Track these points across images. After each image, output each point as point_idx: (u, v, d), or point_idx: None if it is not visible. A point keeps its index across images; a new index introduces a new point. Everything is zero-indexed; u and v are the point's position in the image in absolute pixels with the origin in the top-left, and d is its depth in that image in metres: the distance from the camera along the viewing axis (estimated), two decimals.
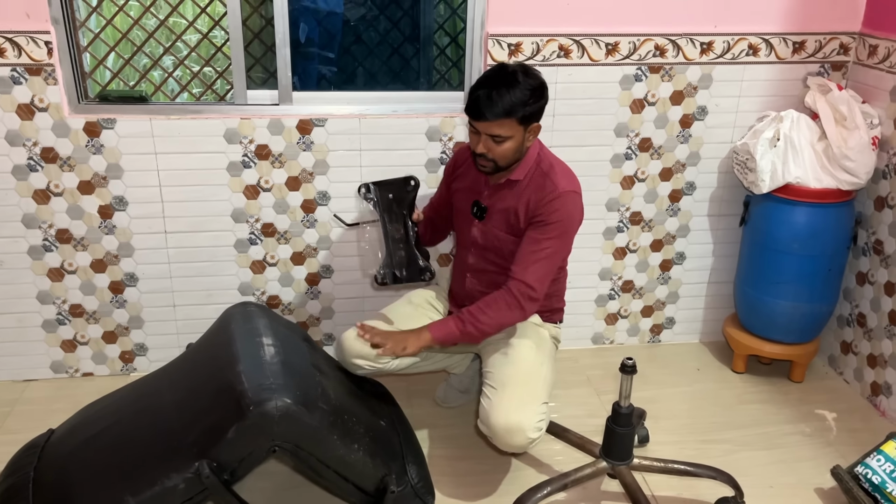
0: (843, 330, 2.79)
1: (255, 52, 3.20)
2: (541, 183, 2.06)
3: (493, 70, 2.00)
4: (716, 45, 2.59)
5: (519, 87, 1.94)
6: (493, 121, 1.94)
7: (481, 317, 2.03)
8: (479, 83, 1.98)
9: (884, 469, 2.05)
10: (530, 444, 2.02)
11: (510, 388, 2.05)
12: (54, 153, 2.40)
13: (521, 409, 2.00)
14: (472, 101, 1.95)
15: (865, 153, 2.43)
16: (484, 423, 2.05)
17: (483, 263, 2.22)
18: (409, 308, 2.32)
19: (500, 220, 2.14)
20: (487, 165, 2.04)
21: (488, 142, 1.98)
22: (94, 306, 2.62)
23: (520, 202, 2.08)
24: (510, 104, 1.93)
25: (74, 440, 2.03)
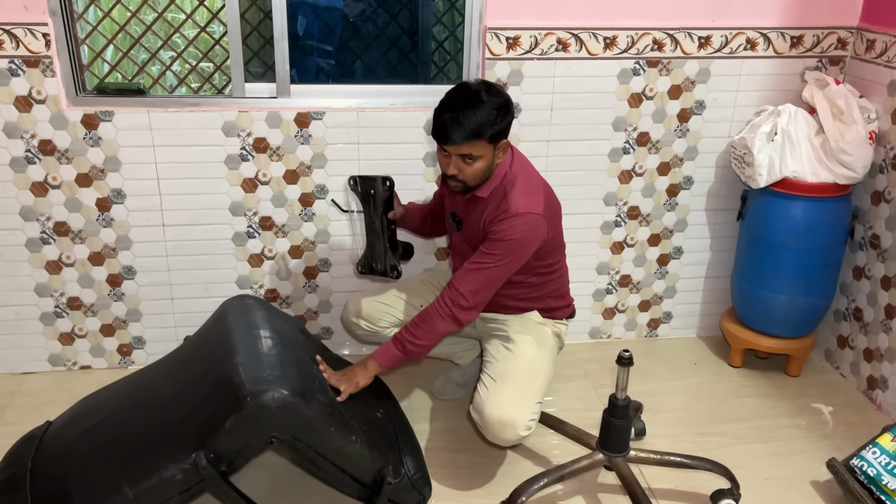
0: (839, 324, 2.79)
1: (253, 45, 3.20)
2: (498, 201, 2.04)
3: (456, 91, 1.97)
4: (714, 40, 2.59)
5: (484, 106, 1.90)
6: (461, 143, 1.92)
7: (417, 332, 2.06)
8: (444, 106, 1.93)
9: (879, 461, 2.06)
10: (518, 440, 2.05)
11: (508, 383, 2.06)
12: (52, 145, 2.41)
13: (516, 405, 2.01)
14: (439, 126, 1.92)
15: (862, 147, 2.43)
16: (477, 412, 2.06)
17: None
18: (419, 284, 2.42)
19: (469, 233, 2.17)
20: (458, 186, 2.03)
21: (459, 162, 1.97)
22: (92, 299, 2.63)
23: (481, 218, 2.08)
24: (477, 125, 1.90)
25: (72, 431, 2.03)
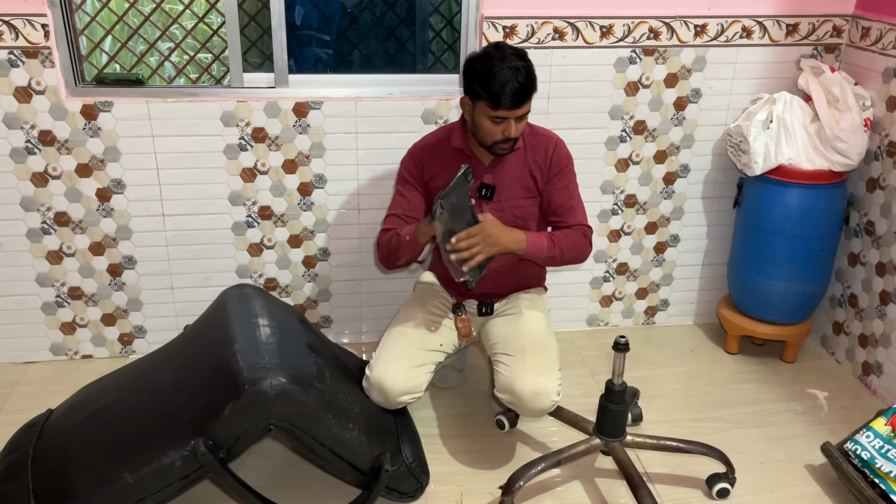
0: (835, 310, 2.81)
1: (251, 35, 3.20)
2: (534, 141, 2.17)
3: (491, 55, 1.99)
4: (709, 28, 2.60)
5: (525, 62, 2.00)
6: (526, 101, 2.00)
7: (565, 243, 2.12)
8: (495, 71, 1.95)
9: (873, 445, 2.08)
10: (553, 406, 2.07)
11: (531, 355, 2.09)
12: (52, 136, 2.42)
13: (544, 374, 2.06)
14: (511, 93, 1.95)
15: (857, 134, 2.44)
16: (507, 391, 2.07)
17: None
18: (421, 322, 2.25)
19: (516, 189, 2.19)
20: (509, 147, 2.09)
21: (517, 123, 2.03)
22: (93, 289, 2.65)
23: (528, 165, 2.17)
24: (534, 81, 2.00)
25: (73, 419, 2.06)
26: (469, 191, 1.98)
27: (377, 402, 2.14)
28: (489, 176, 2.18)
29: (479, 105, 2.01)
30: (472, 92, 2.02)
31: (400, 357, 2.14)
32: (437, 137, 2.24)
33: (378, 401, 2.14)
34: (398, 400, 2.12)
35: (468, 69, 2.03)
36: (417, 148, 2.24)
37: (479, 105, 2.02)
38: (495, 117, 2.00)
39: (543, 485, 2.16)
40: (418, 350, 2.17)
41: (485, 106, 1.99)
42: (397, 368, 2.11)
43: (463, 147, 2.16)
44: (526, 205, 2.22)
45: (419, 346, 2.18)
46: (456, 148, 2.17)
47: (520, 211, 2.21)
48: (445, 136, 2.21)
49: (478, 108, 2.02)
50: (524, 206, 2.21)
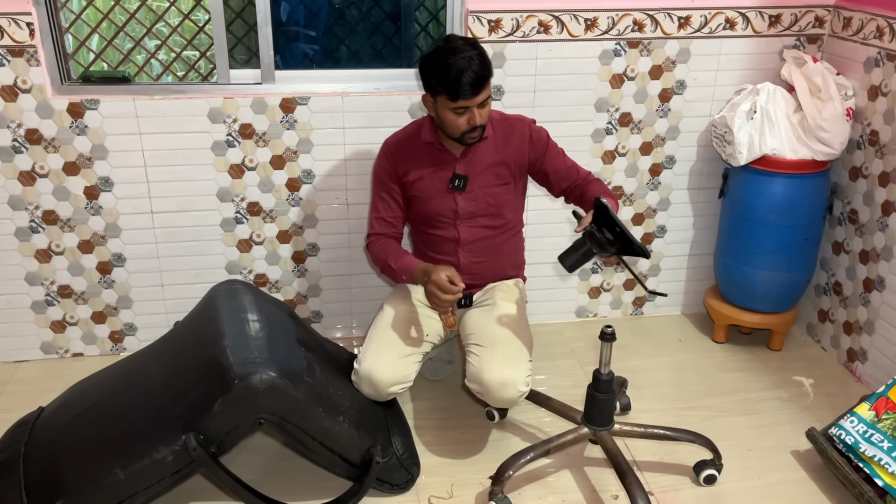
0: (820, 298, 2.84)
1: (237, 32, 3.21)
2: (506, 127, 2.22)
3: (447, 49, 2.01)
4: (693, 20, 2.62)
5: (477, 49, 2.02)
6: (483, 87, 2.02)
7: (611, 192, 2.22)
8: (448, 64, 1.98)
9: (857, 430, 2.11)
10: (520, 397, 2.08)
11: (500, 346, 2.11)
12: (39, 134, 2.42)
13: (512, 365, 2.07)
14: (465, 84, 1.98)
15: (840, 124, 2.47)
16: (475, 381, 2.10)
17: (475, 232, 2.26)
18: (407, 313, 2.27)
19: (489, 178, 2.21)
20: (477, 135, 2.11)
21: (480, 111, 2.05)
22: (83, 287, 2.65)
23: (501, 152, 2.20)
24: (488, 65, 2.03)
25: (64, 416, 2.07)
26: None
27: (367, 395, 2.16)
28: (461, 166, 2.20)
29: (440, 99, 2.04)
30: (430, 88, 2.06)
31: (388, 349, 2.16)
32: (408, 133, 2.26)
33: (368, 393, 2.16)
34: (388, 391, 2.14)
35: (423, 67, 2.07)
36: (389, 144, 2.26)
37: (439, 100, 2.05)
38: (457, 108, 2.03)
39: (533, 474, 2.18)
40: (405, 341, 2.19)
41: (445, 99, 2.02)
42: (385, 360, 2.13)
43: (433, 141, 2.18)
44: (499, 192, 2.24)
45: (406, 337, 2.20)
46: (426, 142, 2.19)
47: (493, 198, 2.24)
48: (415, 130, 2.23)
49: (439, 102, 2.06)
50: (497, 193, 2.24)
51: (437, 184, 2.22)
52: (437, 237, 2.27)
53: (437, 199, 2.23)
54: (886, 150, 2.45)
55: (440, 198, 2.23)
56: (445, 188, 2.22)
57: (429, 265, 2.12)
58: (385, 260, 2.22)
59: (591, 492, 2.13)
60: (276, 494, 1.99)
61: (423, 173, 2.22)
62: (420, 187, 2.23)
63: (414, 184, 2.23)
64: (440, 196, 2.23)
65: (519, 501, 2.08)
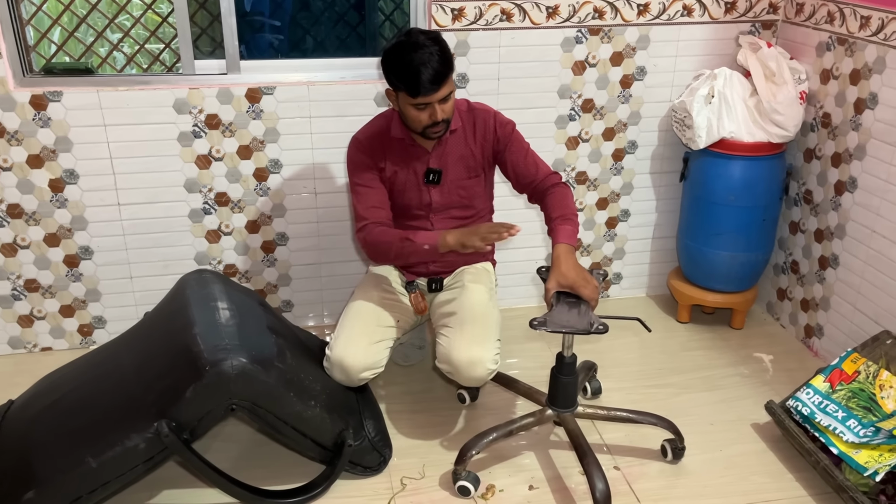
0: (778, 277, 2.93)
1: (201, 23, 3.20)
2: (473, 118, 2.23)
3: (407, 45, 2.00)
4: (652, 7, 2.67)
5: (438, 43, 2.01)
6: (443, 83, 2.01)
7: (570, 210, 2.15)
8: (407, 60, 1.98)
9: (812, 401, 2.19)
10: (489, 374, 2.12)
11: (468, 326, 2.15)
12: (1, 127, 2.40)
13: (480, 344, 2.11)
14: (424, 81, 1.97)
15: (793, 107, 2.54)
16: (445, 361, 2.14)
17: (447, 223, 2.28)
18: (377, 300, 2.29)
19: (459, 171, 2.24)
20: (441, 130, 2.11)
21: (441, 106, 2.05)
22: (50, 280, 2.64)
23: (469, 144, 2.22)
24: (448, 61, 2.01)
25: (34, 408, 2.06)
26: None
27: (339, 381, 2.19)
28: (434, 160, 2.22)
29: (401, 95, 2.05)
30: (392, 83, 2.06)
31: (359, 335, 2.18)
32: (377, 128, 2.23)
33: (340, 379, 2.18)
34: (360, 377, 2.17)
35: (384, 62, 2.06)
36: (361, 140, 2.23)
37: (401, 95, 2.05)
38: (417, 104, 2.03)
39: (502, 454, 2.23)
40: (376, 327, 2.22)
41: (405, 95, 2.03)
42: (356, 346, 2.16)
43: (404, 136, 2.19)
44: (470, 184, 2.27)
45: (376, 323, 2.23)
46: (397, 138, 2.20)
47: (465, 191, 2.27)
48: (384, 125, 2.22)
49: (401, 98, 2.06)
50: (468, 185, 2.27)
51: (411, 177, 2.23)
52: (410, 227, 2.28)
53: (411, 192, 2.25)
54: (838, 132, 2.53)
55: (414, 191, 2.25)
56: (419, 182, 2.24)
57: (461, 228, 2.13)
58: (400, 237, 2.12)
59: (558, 470, 2.19)
60: (251, 480, 2.02)
61: (396, 168, 2.22)
62: (395, 181, 2.24)
63: (389, 178, 2.23)
64: (414, 189, 2.25)
65: (488, 479, 2.13)
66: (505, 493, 2.09)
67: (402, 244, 2.12)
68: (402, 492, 2.10)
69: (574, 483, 2.13)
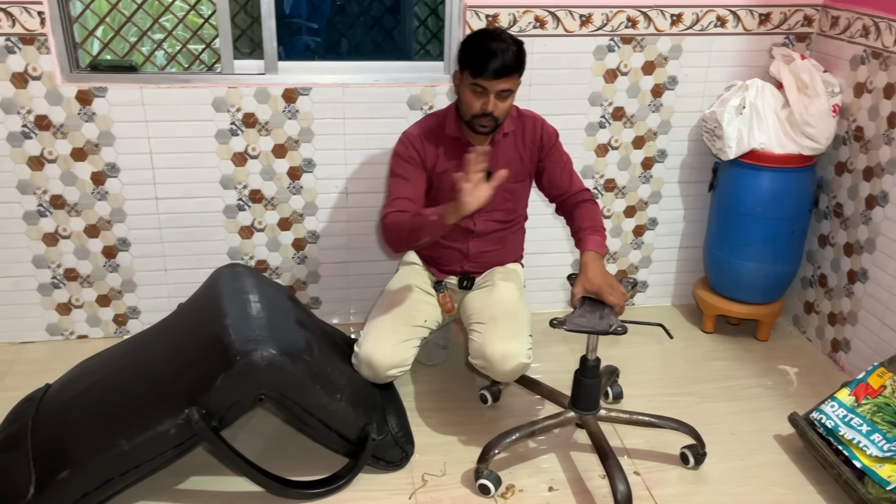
0: (806, 290, 2.92)
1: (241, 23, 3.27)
2: (522, 124, 2.26)
3: (486, 33, 2.09)
4: (685, 17, 2.69)
5: (516, 42, 2.07)
6: (507, 77, 2.05)
7: (600, 220, 2.26)
8: (484, 44, 2.04)
9: (837, 414, 2.18)
10: (523, 368, 2.16)
11: (501, 322, 2.18)
12: (48, 121, 2.49)
13: (514, 338, 2.15)
14: (490, 56, 2.01)
15: (826, 119, 2.54)
16: (479, 356, 2.17)
17: (490, 225, 2.34)
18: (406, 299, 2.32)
19: (509, 175, 2.22)
20: (489, 125, 2.13)
21: (495, 99, 2.08)
22: (88, 270, 2.72)
23: (518, 149, 2.26)
24: (520, 57, 2.07)
25: (70, 392, 2.13)
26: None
27: (366, 377, 2.23)
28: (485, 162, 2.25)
29: (465, 75, 2.09)
30: (461, 62, 2.11)
31: (387, 333, 2.22)
32: (430, 126, 2.27)
33: (367, 375, 2.22)
34: (387, 374, 2.20)
35: (463, 42, 2.12)
36: (414, 136, 2.25)
37: (464, 75, 2.09)
38: (475, 85, 2.06)
39: (523, 455, 2.26)
40: (404, 326, 2.25)
41: (468, 75, 2.07)
42: (384, 343, 2.19)
43: (459, 136, 2.22)
44: (515, 188, 2.32)
45: (405, 321, 2.26)
46: (452, 136, 2.23)
47: (510, 195, 2.32)
48: (438, 124, 2.26)
49: (464, 78, 2.10)
50: (514, 189, 2.32)
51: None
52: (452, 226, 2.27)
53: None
54: (871, 146, 2.52)
55: None
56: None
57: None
58: (411, 217, 2.11)
59: (579, 473, 2.20)
60: (276, 470, 2.06)
61: (448, 166, 2.24)
62: (444, 179, 2.25)
63: (438, 176, 2.26)
64: None
65: (508, 479, 2.15)
66: (525, 494, 2.12)
67: (415, 223, 2.10)
68: (422, 488, 2.13)
69: (594, 485, 2.15)
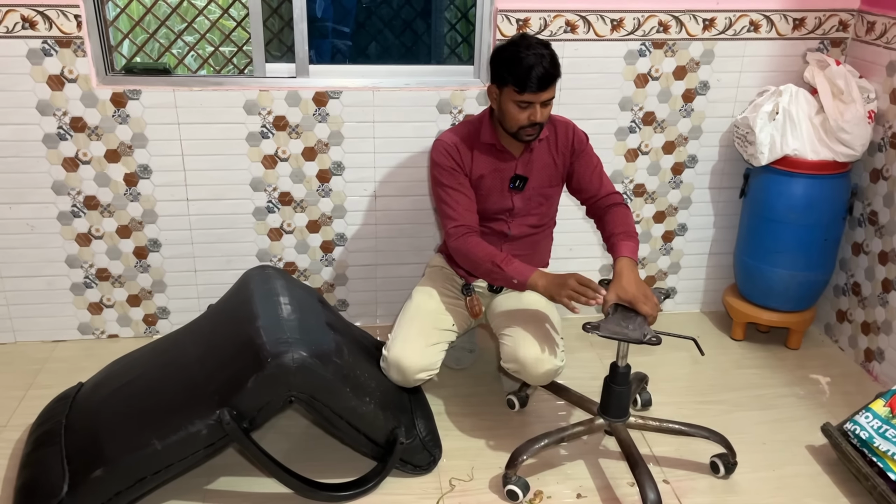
0: (838, 299, 2.88)
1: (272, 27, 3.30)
2: (555, 130, 2.28)
3: (517, 43, 2.08)
4: (718, 22, 2.66)
5: (549, 49, 2.08)
6: (550, 86, 2.07)
7: (632, 225, 2.26)
8: (520, 57, 2.03)
9: (871, 425, 2.15)
10: (557, 371, 2.17)
11: (532, 326, 2.19)
12: (83, 123, 2.52)
13: (546, 341, 2.16)
14: (537, 77, 2.02)
15: (861, 126, 2.50)
16: (512, 360, 2.17)
17: (524, 229, 2.34)
18: (434, 303, 2.34)
19: (543, 179, 2.29)
20: (534, 133, 2.15)
21: (541, 108, 2.09)
22: (120, 270, 2.75)
23: (552, 154, 2.27)
24: (558, 66, 2.08)
25: (103, 391, 2.16)
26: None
27: (395, 381, 2.23)
28: (520, 167, 2.26)
29: (506, 91, 2.08)
30: (499, 79, 2.10)
31: (416, 337, 2.22)
32: (465, 132, 2.26)
33: (396, 379, 2.22)
34: (416, 377, 2.21)
35: (495, 57, 2.11)
36: (449, 144, 2.23)
37: (505, 91, 2.09)
38: (521, 101, 2.06)
39: (551, 461, 2.25)
40: (432, 330, 2.26)
41: (511, 91, 2.06)
42: (413, 347, 2.20)
43: (494, 142, 2.22)
44: (550, 192, 2.33)
45: (433, 325, 2.27)
46: (487, 143, 2.23)
47: (544, 198, 2.32)
48: (473, 131, 2.25)
49: (504, 94, 2.10)
50: (549, 193, 2.33)
51: (497, 183, 2.26)
52: (486, 229, 2.31)
53: (495, 196, 2.28)
54: None
55: (498, 196, 2.28)
56: (505, 187, 2.27)
57: (551, 274, 2.12)
58: (492, 259, 2.15)
59: (607, 480, 2.19)
60: (304, 472, 2.06)
61: (484, 172, 2.25)
62: (481, 186, 2.26)
63: (474, 183, 2.26)
64: (499, 194, 2.28)
65: (536, 485, 2.14)
66: (553, 500, 2.11)
67: (493, 269, 2.15)
68: (450, 492, 2.13)
69: (622, 493, 2.13)
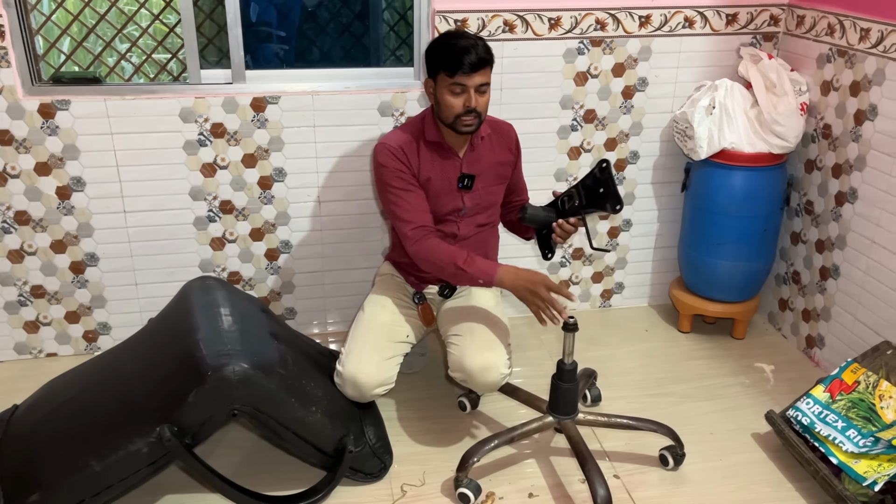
0: (780, 288, 2.94)
1: (208, 33, 3.24)
2: (497, 128, 2.30)
3: (449, 33, 2.13)
4: (654, 19, 2.70)
5: (478, 36, 2.10)
6: (482, 69, 2.06)
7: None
8: (452, 43, 2.05)
9: (812, 411, 2.19)
10: (503, 379, 2.15)
11: (478, 333, 2.17)
12: (9, 135, 2.44)
13: (492, 349, 2.14)
14: (463, 52, 2.01)
15: (794, 118, 2.56)
16: (458, 369, 2.15)
17: (473, 228, 2.33)
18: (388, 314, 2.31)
19: (491, 178, 2.28)
20: (473, 122, 2.12)
21: (475, 95, 2.07)
22: (56, 287, 2.67)
23: (498, 152, 2.29)
24: (490, 52, 2.08)
25: (39, 412, 2.08)
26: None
27: (351, 397, 2.19)
28: (466, 166, 2.25)
29: (440, 79, 2.08)
30: (432, 68, 2.10)
31: (371, 351, 2.18)
32: (409, 134, 2.22)
33: (352, 395, 2.18)
34: (373, 393, 2.17)
35: (429, 49, 2.12)
36: (394, 147, 2.18)
37: (439, 79, 2.08)
38: (454, 85, 2.05)
39: (503, 461, 2.24)
40: (388, 343, 2.22)
41: (444, 77, 2.06)
42: (369, 362, 2.16)
43: (439, 140, 2.20)
44: (497, 191, 2.34)
45: (388, 338, 2.24)
46: (432, 141, 2.21)
47: (492, 197, 2.32)
48: (416, 132, 2.22)
49: (438, 82, 2.09)
50: (496, 192, 2.33)
51: (445, 183, 2.24)
52: (439, 231, 2.27)
53: (444, 197, 2.26)
54: (839, 143, 2.55)
55: (448, 196, 2.26)
56: (454, 188, 2.25)
57: (518, 271, 2.10)
58: (454, 262, 2.11)
59: (559, 478, 2.19)
60: (252, 486, 2.03)
61: (431, 175, 2.22)
62: (430, 188, 2.23)
63: (424, 184, 2.22)
64: (448, 195, 2.25)
65: (488, 487, 2.13)
66: (505, 501, 2.10)
67: (456, 272, 2.13)
68: (402, 498, 2.11)
69: (574, 490, 2.14)
